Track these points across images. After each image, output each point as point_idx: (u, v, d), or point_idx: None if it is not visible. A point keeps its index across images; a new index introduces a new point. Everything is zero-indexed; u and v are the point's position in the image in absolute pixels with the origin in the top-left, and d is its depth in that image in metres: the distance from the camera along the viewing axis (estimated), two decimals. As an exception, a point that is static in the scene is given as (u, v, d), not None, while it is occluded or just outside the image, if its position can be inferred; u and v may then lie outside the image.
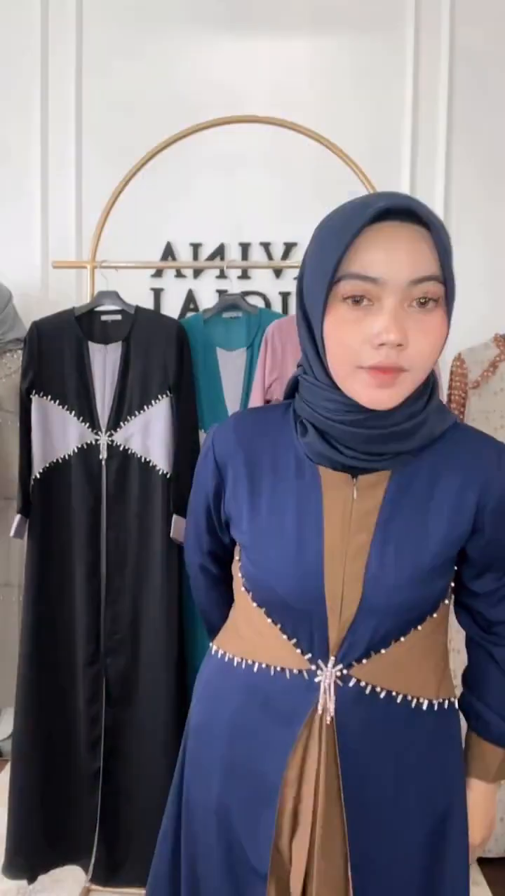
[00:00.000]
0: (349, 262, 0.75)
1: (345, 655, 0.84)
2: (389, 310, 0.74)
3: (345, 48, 2.44)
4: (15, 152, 2.55)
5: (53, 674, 1.72)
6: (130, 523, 1.70)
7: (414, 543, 0.83)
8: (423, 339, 0.76)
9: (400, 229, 0.75)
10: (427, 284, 0.75)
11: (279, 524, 0.85)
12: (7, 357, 2.24)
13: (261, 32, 2.46)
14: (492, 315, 2.29)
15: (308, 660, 0.85)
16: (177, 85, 2.47)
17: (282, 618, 0.86)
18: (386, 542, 0.82)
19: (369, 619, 0.82)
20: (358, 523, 0.84)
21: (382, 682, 0.84)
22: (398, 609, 0.83)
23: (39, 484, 1.71)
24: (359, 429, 0.81)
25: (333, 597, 0.83)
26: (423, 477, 0.85)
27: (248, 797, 0.89)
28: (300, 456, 0.87)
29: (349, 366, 0.77)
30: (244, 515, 0.88)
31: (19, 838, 1.70)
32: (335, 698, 0.84)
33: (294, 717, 0.85)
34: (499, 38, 2.41)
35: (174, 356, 1.68)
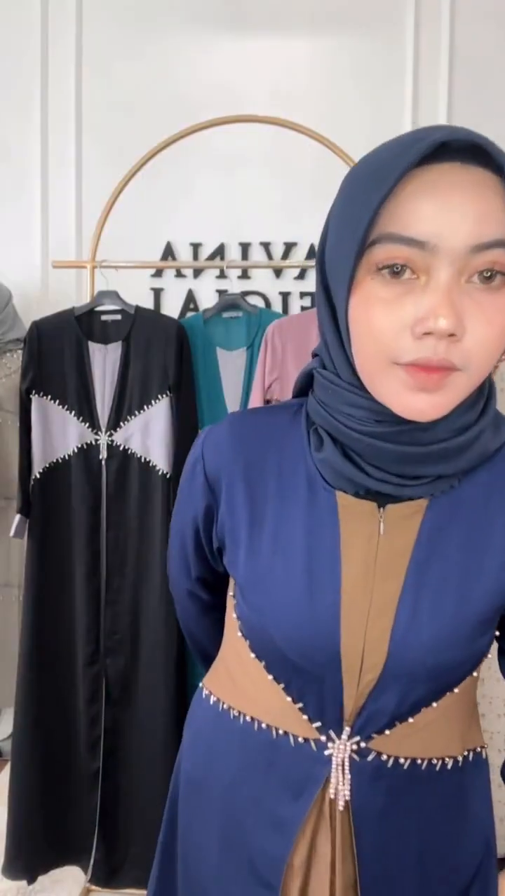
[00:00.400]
0: (387, 218, 0.55)
1: (364, 727, 0.67)
2: (440, 286, 0.54)
3: (345, 48, 2.44)
4: (15, 152, 2.55)
5: (53, 674, 1.72)
6: (130, 523, 1.70)
7: (456, 593, 0.64)
8: (485, 328, 0.55)
9: (461, 174, 0.54)
10: (496, 252, 0.54)
11: (285, 564, 0.66)
12: (7, 357, 2.23)
13: (261, 32, 2.46)
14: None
15: (317, 728, 0.68)
16: (177, 85, 2.47)
17: (285, 677, 0.69)
18: (421, 591, 0.65)
19: (396, 686, 0.65)
20: (385, 566, 0.65)
21: (407, 751, 0.68)
22: (433, 674, 0.65)
23: (39, 484, 1.70)
24: (392, 444, 0.62)
25: (351, 659, 0.65)
26: (469, 507, 0.66)
27: (247, 879, 0.73)
28: (313, 475, 0.68)
29: (381, 361, 0.58)
30: (241, 549, 0.69)
31: (19, 838, 1.69)
32: (350, 775, 0.67)
33: (303, 791, 0.69)
34: (499, 38, 2.41)
35: (174, 356, 1.68)
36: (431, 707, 0.67)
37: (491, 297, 0.56)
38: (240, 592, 0.71)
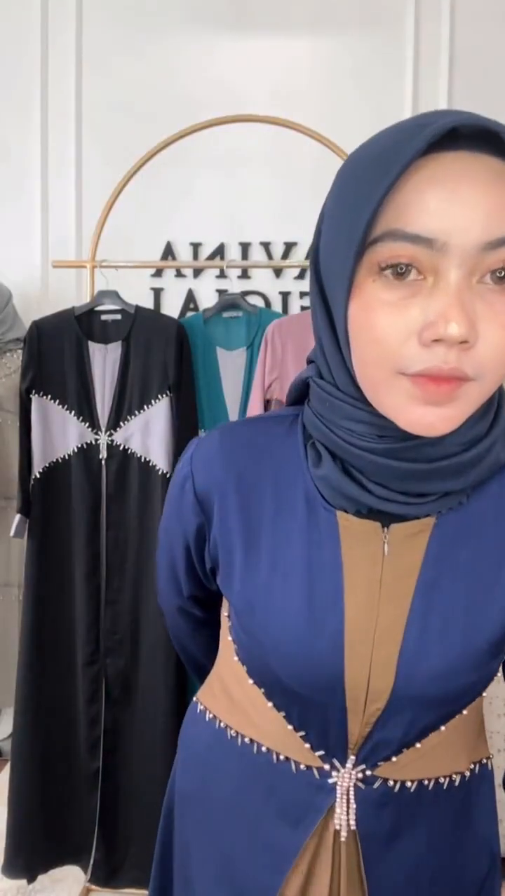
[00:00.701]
0: (390, 213, 0.50)
1: (369, 755, 0.63)
2: (451, 287, 0.49)
3: (345, 48, 2.44)
4: (15, 152, 2.55)
5: (53, 674, 1.72)
6: (130, 523, 1.70)
7: (466, 616, 0.60)
8: (499, 333, 0.50)
9: (471, 164, 0.49)
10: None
11: (284, 588, 0.62)
12: (7, 357, 2.23)
13: (261, 32, 2.46)
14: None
15: (320, 757, 0.64)
16: (177, 85, 2.47)
17: (286, 705, 0.64)
18: (429, 615, 0.60)
19: (403, 712, 0.61)
20: (391, 589, 0.61)
21: (414, 774, 0.64)
22: (442, 701, 0.61)
23: (39, 483, 1.71)
24: (396, 461, 0.57)
25: (356, 688, 0.61)
26: (479, 523, 0.62)
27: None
28: (311, 492, 0.63)
29: (385, 371, 0.53)
30: (236, 572, 0.64)
31: (19, 838, 1.69)
32: (356, 804, 0.63)
33: (302, 819, 0.65)
34: (499, 38, 2.41)
35: (174, 356, 1.68)
36: (439, 731, 0.64)
37: (501, 300, 0.50)
38: (235, 616, 0.66)
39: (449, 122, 0.48)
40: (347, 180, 0.54)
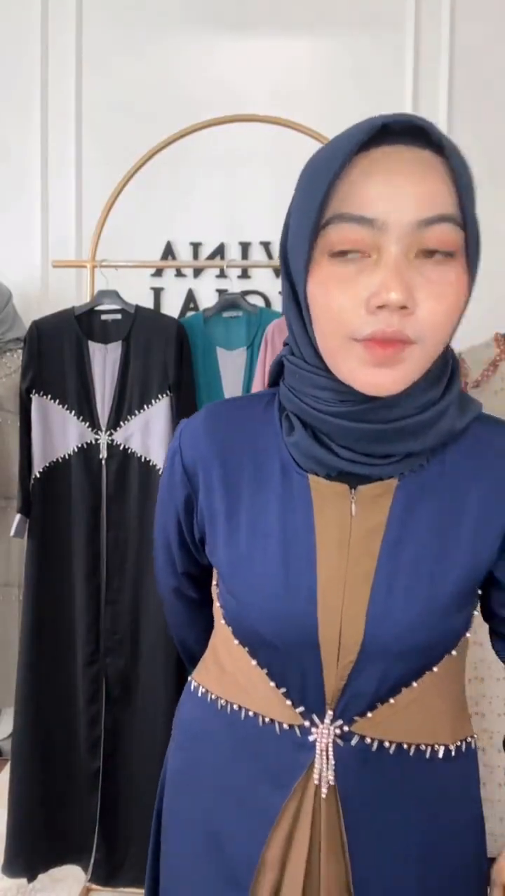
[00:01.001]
0: (339, 200, 0.58)
1: (345, 709, 0.66)
2: (390, 261, 0.56)
3: (345, 48, 2.44)
4: (15, 152, 2.55)
5: (53, 674, 1.72)
6: (130, 523, 1.70)
7: (430, 570, 0.65)
8: (435, 301, 0.58)
9: (405, 155, 0.57)
10: (442, 227, 0.57)
11: (262, 550, 0.67)
12: (7, 356, 2.23)
13: (261, 32, 2.46)
14: (492, 314, 2.29)
15: (301, 713, 0.68)
16: (177, 84, 2.47)
17: (267, 661, 0.69)
18: (395, 570, 0.65)
19: (375, 665, 0.65)
20: (359, 547, 0.66)
21: (392, 735, 0.67)
22: (410, 652, 0.65)
23: (39, 483, 1.71)
24: (358, 423, 0.63)
25: (330, 640, 0.65)
26: (440, 485, 0.67)
27: (218, 876, 0.71)
28: (286, 460, 0.69)
29: (340, 338, 0.60)
30: (220, 536, 0.70)
31: (19, 837, 1.69)
32: (335, 761, 0.66)
33: (284, 779, 0.68)
34: (499, 38, 2.41)
35: (174, 355, 1.68)
36: (411, 687, 0.67)
37: (440, 271, 0.58)
38: (221, 580, 0.72)
39: (381, 121, 0.57)
40: (305, 179, 0.62)
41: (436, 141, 0.58)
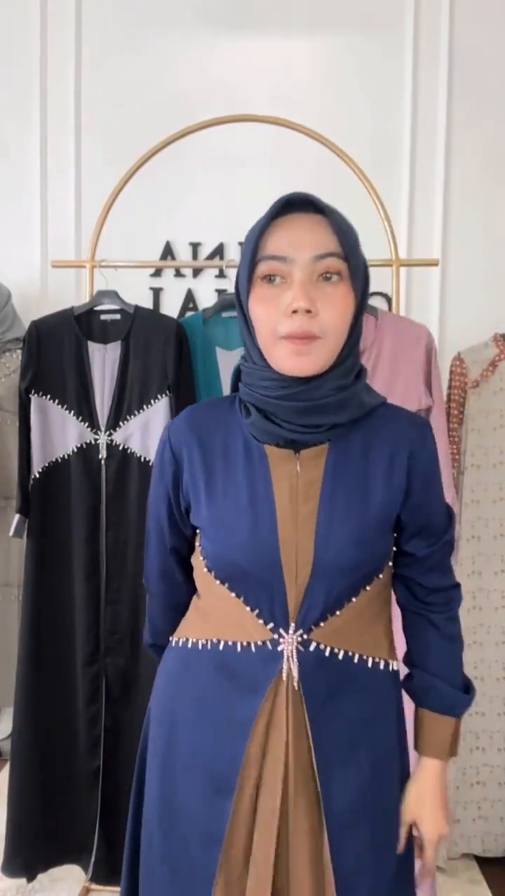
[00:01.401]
0: (264, 247, 0.86)
1: (304, 620, 0.88)
2: (297, 282, 0.84)
3: (345, 48, 2.44)
4: (14, 152, 2.56)
5: (53, 673, 1.72)
6: (130, 523, 1.70)
7: (356, 507, 0.89)
8: (330, 308, 0.85)
9: (302, 217, 0.86)
10: (329, 260, 0.85)
11: (235, 501, 0.90)
12: (6, 356, 2.24)
13: (261, 32, 2.46)
14: (491, 314, 2.29)
15: (270, 629, 0.89)
16: (177, 84, 2.47)
17: (244, 589, 0.90)
18: (331, 509, 0.89)
19: (323, 579, 0.88)
20: (304, 493, 0.90)
21: (340, 643, 0.90)
22: (348, 568, 0.88)
23: (39, 483, 1.71)
24: (292, 402, 0.88)
25: (289, 560, 0.88)
26: (358, 447, 0.92)
27: (205, 789, 0.90)
28: (248, 438, 0.93)
29: (272, 337, 0.86)
30: (202, 499, 0.93)
31: (19, 837, 1.70)
32: (298, 664, 0.88)
33: (258, 687, 0.88)
34: (499, 38, 2.41)
35: (173, 355, 1.68)
36: (352, 602, 0.90)
37: (332, 288, 0.85)
38: (204, 535, 0.94)
39: (286, 198, 0.86)
40: (246, 240, 0.89)
41: (322, 208, 0.86)
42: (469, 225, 2.42)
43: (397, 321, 1.79)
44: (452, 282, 2.42)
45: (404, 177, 2.43)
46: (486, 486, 1.96)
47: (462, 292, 2.42)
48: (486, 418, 1.97)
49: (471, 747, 1.94)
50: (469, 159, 2.43)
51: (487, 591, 1.96)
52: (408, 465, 0.92)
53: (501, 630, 1.95)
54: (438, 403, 1.77)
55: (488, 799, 1.95)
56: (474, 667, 1.94)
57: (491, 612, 1.95)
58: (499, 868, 1.95)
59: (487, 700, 1.95)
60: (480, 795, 1.95)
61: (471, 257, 2.42)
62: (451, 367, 2.01)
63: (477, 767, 1.94)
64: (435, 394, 1.75)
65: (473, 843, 1.95)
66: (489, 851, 1.95)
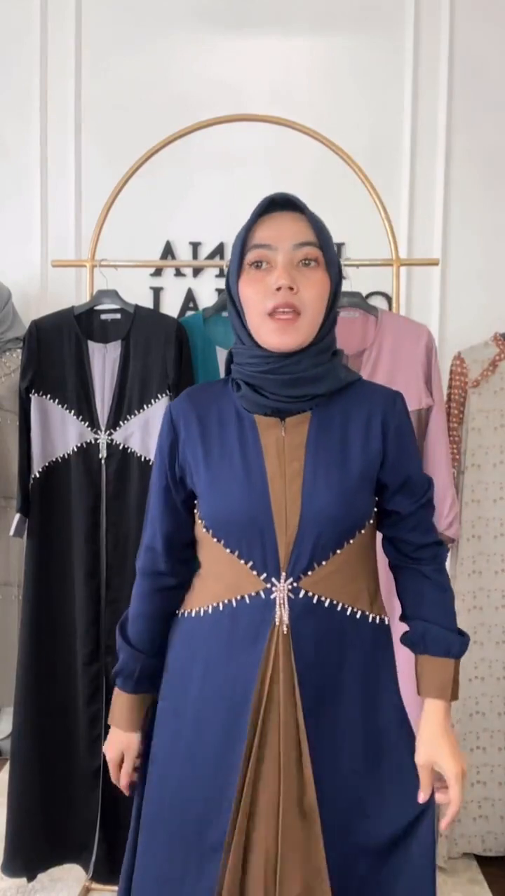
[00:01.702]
0: (251, 238, 0.99)
1: (293, 568, 0.98)
2: (281, 264, 0.97)
3: (345, 47, 2.45)
4: (14, 151, 2.56)
5: (53, 673, 1.72)
6: (130, 522, 1.70)
7: (337, 466, 1.00)
8: (310, 288, 0.97)
9: (283, 213, 1.00)
10: (307, 248, 0.98)
11: (229, 464, 1.01)
12: (6, 356, 2.24)
13: (261, 31, 2.46)
14: (491, 314, 2.29)
15: (263, 579, 0.98)
16: (177, 84, 2.47)
17: (238, 543, 1.00)
18: (315, 467, 0.99)
19: (310, 530, 0.97)
20: (291, 454, 1.00)
21: (326, 592, 0.99)
22: (332, 519, 0.98)
23: (39, 483, 1.71)
24: (277, 375, 0.99)
25: (279, 513, 0.98)
26: (337, 414, 1.03)
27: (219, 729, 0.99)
28: (239, 410, 1.04)
29: (260, 315, 0.98)
30: (200, 463, 1.03)
31: (19, 837, 1.70)
32: (289, 610, 0.97)
33: (258, 636, 0.98)
34: (499, 38, 2.41)
35: (174, 355, 1.68)
36: (337, 554, 1.00)
37: (310, 272, 0.99)
38: (201, 498, 1.04)
39: (270, 197, 1.01)
40: (236, 238, 1.03)
41: (300, 206, 1.00)
42: (469, 224, 2.42)
43: (398, 320, 1.79)
44: (453, 281, 2.43)
45: (405, 176, 2.43)
46: (486, 486, 1.96)
47: (462, 292, 2.42)
48: (486, 418, 1.97)
49: (471, 747, 1.94)
50: (469, 159, 2.43)
51: (488, 590, 1.96)
52: (382, 429, 1.02)
53: (501, 630, 1.95)
54: (439, 403, 1.77)
55: (489, 798, 1.95)
56: (475, 666, 1.94)
57: (491, 612, 1.95)
58: (499, 867, 1.95)
59: (487, 700, 1.95)
60: (480, 795, 1.95)
61: (471, 257, 2.42)
62: (451, 367, 2.01)
63: (477, 767, 1.94)
64: (435, 393, 1.75)
65: (474, 842, 1.95)
66: (489, 851, 1.95)
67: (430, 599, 1.05)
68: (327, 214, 1.07)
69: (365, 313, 1.79)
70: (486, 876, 1.92)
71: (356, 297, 1.78)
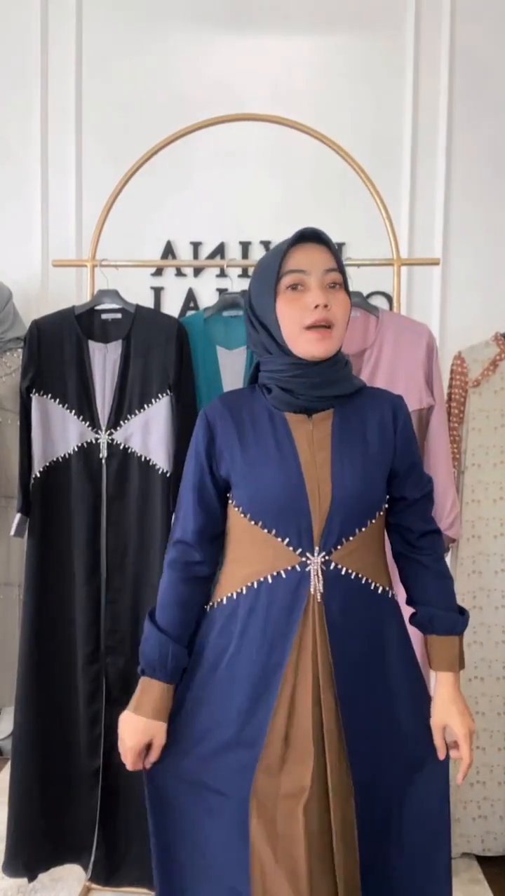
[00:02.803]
0: (286, 265, 1.13)
1: (325, 543, 1.11)
2: (316, 286, 1.12)
3: (345, 47, 2.45)
4: (15, 152, 2.56)
5: (53, 673, 1.72)
6: (130, 522, 1.70)
7: (359, 453, 1.15)
8: (338, 306, 1.14)
9: (310, 245, 1.15)
10: (333, 273, 1.14)
11: (265, 454, 1.15)
12: (7, 356, 2.24)
13: (261, 31, 2.46)
14: (492, 313, 2.29)
15: (299, 554, 1.11)
16: (177, 83, 2.47)
17: (275, 523, 1.12)
18: (341, 455, 1.14)
19: (339, 509, 1.11)
20: (319, 445, 1.15)
21: (353, 566, 1.12)
22: (358, 499, 1.13)
23: (40, 483, 1.71)
24: (305, 378, 1.15)
25: (313, 496, 1.11)
26: (355, 412, 1.19)
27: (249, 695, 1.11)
28: (270, 410, 1.19)
29: (298, 329, 1.12)
30: (237, 453, 1.16)
31: (19, 837, 1.69)
32: (323, 580, 1.10)
33: (295, 605, 1.10)
34: (499, 38, 2.41)
35: (174, 355, 1.68)
36: (361, 532, 1.13)
37: (337, 293, 1.14)
38: (238, 487, 1.16)
39: (300, 232, 1.14)
40: (261, 267, 1.20)
41: (324, 239, 1.15)
42: (470, 224, 2.42)
43: (398, 320, 1.79)
44: (453, 281, 2.43)
45: (404, 175, 2.43)
46: (486, 486, 1.96)
47: (463, 291, 2.42)
48: (486, 417, 1.97)
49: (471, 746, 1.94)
50: (470, 158, 2.43)
51: (488, 590, 1.96)
52: (393, 423, 1.19)
53: (501, 629, 1.95)
54: (439, 402, 1.77)
55: (489, 798, 1.95)
56: (475, 666, 1.94)
57: (491, 612, 1.95)
58: (499, 867, 1.95)
59: (487, 700, 1.95)
60: (480, 795, 1.95)
61: (472, 256, 2.42)
62: (451, 367, 2.01)
63: (477, 767, 1.94)
64: (436, 393, 1.75)
65: (474, 842, 1.95)
66: (489, 851, 1.95)
67: (432, 587, 1.20)
68: (328, 214, 1.09)
69: (366, 313, 1.79)
70: (486, 876, 1.92)
71: (357, 296, 1.78)
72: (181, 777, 1.15)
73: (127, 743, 1.16)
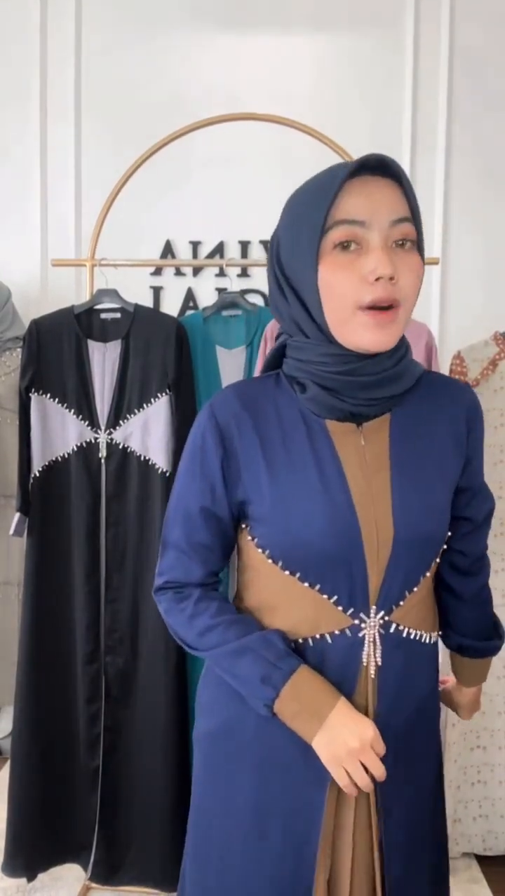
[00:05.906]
0: (336, 211, 0.79)
1: (385, 600, 0.85)
2: (379, 247, 0.79)
3: (345, 46, 2.44)
4: (15, 151, 2.55)
5: (53, 672, 1.72)
6: (130, 522, 1.70)
7: (428, 476, 0.87)
8: (409, 274, 0.81)
9: (376, 180, 0.80)
10: (404, 225, 0.80)
11: (304, 480, 0.84)
12: (6, 355, 2.23)
13: (261, 30, 2.46)
14: (491, 313, 2.29)
15: (350, 615, 0.85)
16: (176, 82, 2.47)
17: (319, 576, 0.84)
18: (404, 479, 0.86)
19: (403, 554, 0.84)
20: (374, 466, 0.86)
21: (414, 624, 0.88)
22: (428, 542, 0.87)
23: (39, 482, 1.70)
24: (356, 377, 0.84)
25: (370, 539, 0.83)
26: (418, 415, 0.89)
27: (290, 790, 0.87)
28: (305, 413, 0.88)
29: (349, 309, 0.80)
30: (263, 485, 0.85)
31: (19, 836, 1.69)
32: (381, 648, 0.85)
33: (343, 681, 0.84)
34: (499, 38, 2.41)
35: (174, 354, 1.68)
36: (425, 577, 0.88)
37: (407, 255, 0.81)
38: (264, 523, 0.86)
39: (362, 159, 0.79)
40: (296, 207, 0.85)
41: (395, 171, 0.80)
42: (469, 223, 2.42)
43: (398, 320, 1.78)
44: (453, 280, 2.42)
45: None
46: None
47: (462, 291, 2.42)
48: (486, 417, 1.97)
49: (472, 746, 1.94)
50: (469, 158, 2.42)
51: (488, 589, 1.96)
52: (467, 428, 0.92)
53: (501, 629, 1.95)
54: (439, 402, 1.76)
55: (489, 797, 1.95)
56: (475, 665, 1.93)
57: (491, 611, 1.95)
58: (499, 867, 1.95)
59: (487, 699, 1.95)
60: (480, 794, 1.94)
61: (471, 256, 2.42)
62: (451, 366, 2.01)
63: (478, 766, 1.94)
64: (435, 392, 1.75)
65: (474, 841, 1.94)
66: (490, 850, 1.95)
67: (470, 620, 1.00)
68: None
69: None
70: (486, 875, 1.92)
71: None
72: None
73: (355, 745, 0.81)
